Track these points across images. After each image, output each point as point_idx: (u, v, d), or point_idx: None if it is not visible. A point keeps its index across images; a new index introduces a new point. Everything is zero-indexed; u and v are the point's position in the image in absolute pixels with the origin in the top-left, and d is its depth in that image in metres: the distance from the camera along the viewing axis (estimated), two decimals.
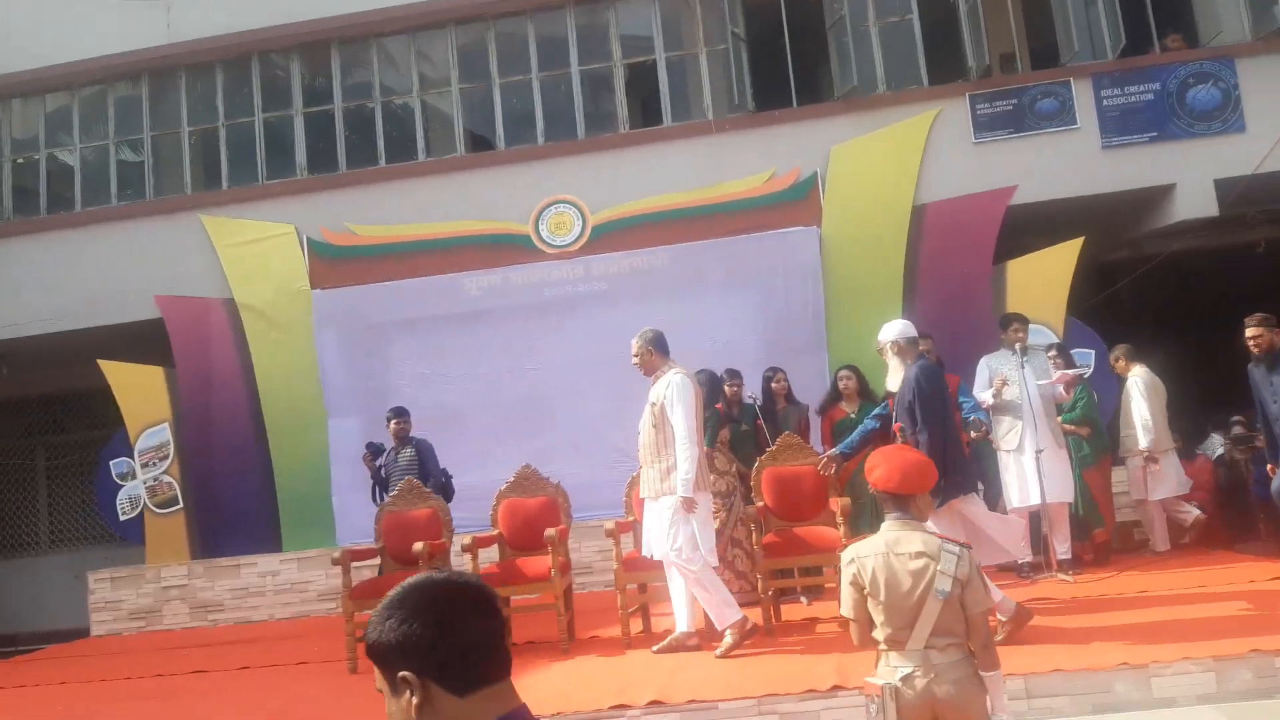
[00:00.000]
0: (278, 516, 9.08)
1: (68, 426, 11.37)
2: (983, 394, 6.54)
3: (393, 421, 7.49)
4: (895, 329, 5.34)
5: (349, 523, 8.86)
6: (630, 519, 6.20)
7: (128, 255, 9.53)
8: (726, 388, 7.03)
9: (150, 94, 9.87)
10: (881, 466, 3.56)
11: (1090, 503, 6.95)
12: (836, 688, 4.21)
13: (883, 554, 3.40)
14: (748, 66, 9.16)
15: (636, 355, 5.74)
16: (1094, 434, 7.09)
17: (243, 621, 8.66)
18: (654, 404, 5.67)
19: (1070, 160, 8.69)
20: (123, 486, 9.29)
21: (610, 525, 5.93)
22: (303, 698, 5.55)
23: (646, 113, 9.52)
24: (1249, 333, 6.02)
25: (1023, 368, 6.65)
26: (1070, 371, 6.76)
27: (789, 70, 9.06)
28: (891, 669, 3.34)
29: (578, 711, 4.37)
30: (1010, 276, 8.63)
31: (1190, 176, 8.59)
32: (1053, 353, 7.32)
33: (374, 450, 7.67)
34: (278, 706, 5.44)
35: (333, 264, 9.20)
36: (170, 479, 9.24)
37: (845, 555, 3.51)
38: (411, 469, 7.19)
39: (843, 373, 7.18)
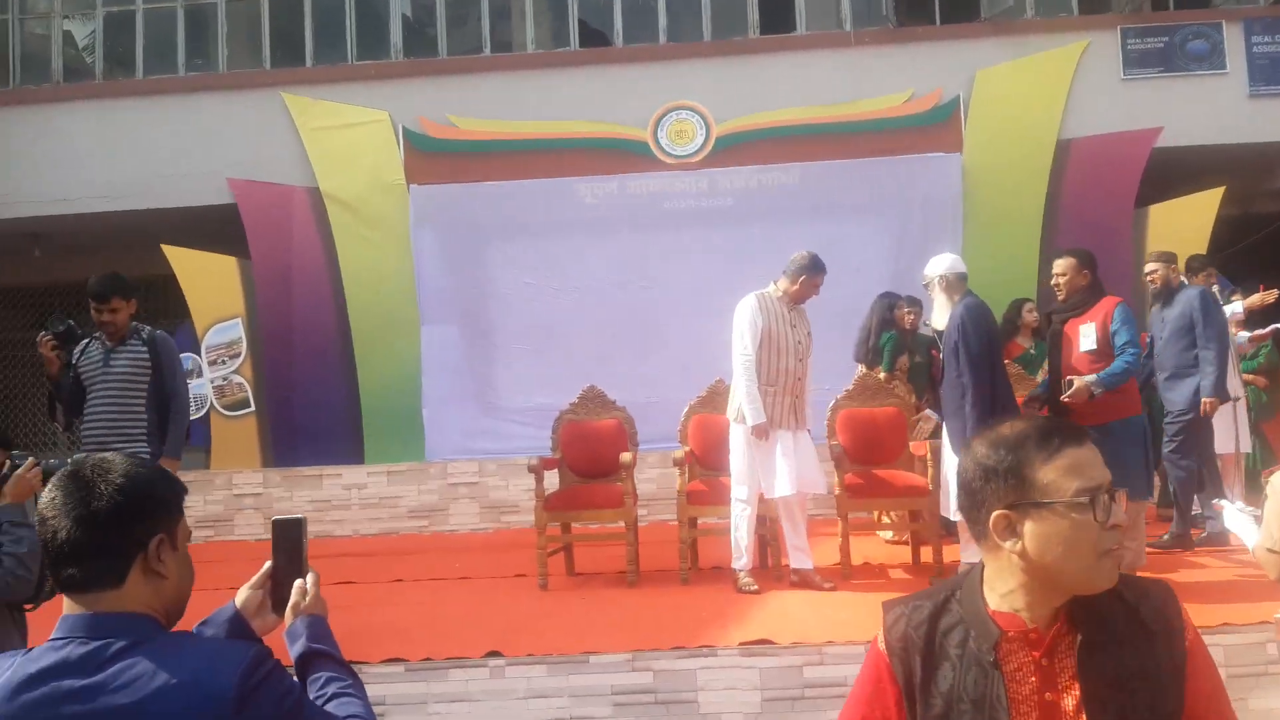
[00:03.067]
0: (360, 426, 8.45)
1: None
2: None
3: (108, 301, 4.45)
4: (945, 262, 5.01)
5: (441, 437, 8.31)
6: (686, 449, 5.74)
7: (196, 132, 8.65)
8: (902, 314, 6.60)
9: None
10: None
11: (1269, 454, 6.76)
12: None
13: None
14: None
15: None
16: (1272, 385, 6.88)
17: (324, 535, 8.04)
18: (809, 332, 5.30)
19: (1217, 106, 8.39)
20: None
21: (678, 454, 5.47)
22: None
23: (777, 18, 8.90)
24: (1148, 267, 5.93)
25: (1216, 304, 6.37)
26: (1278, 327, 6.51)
27: None
28: None
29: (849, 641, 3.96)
30: (1151, 221, 8.34)
31: None
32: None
33: (62, 335, 4.47)
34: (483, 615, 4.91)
35: (431, 158, 8.48)
36: (241, 379, 8.52)
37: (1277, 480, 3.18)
38: (137, 378, 4.40)
39: (1027, 305, 6.81)
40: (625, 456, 5.37)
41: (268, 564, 1.66)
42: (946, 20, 8.62)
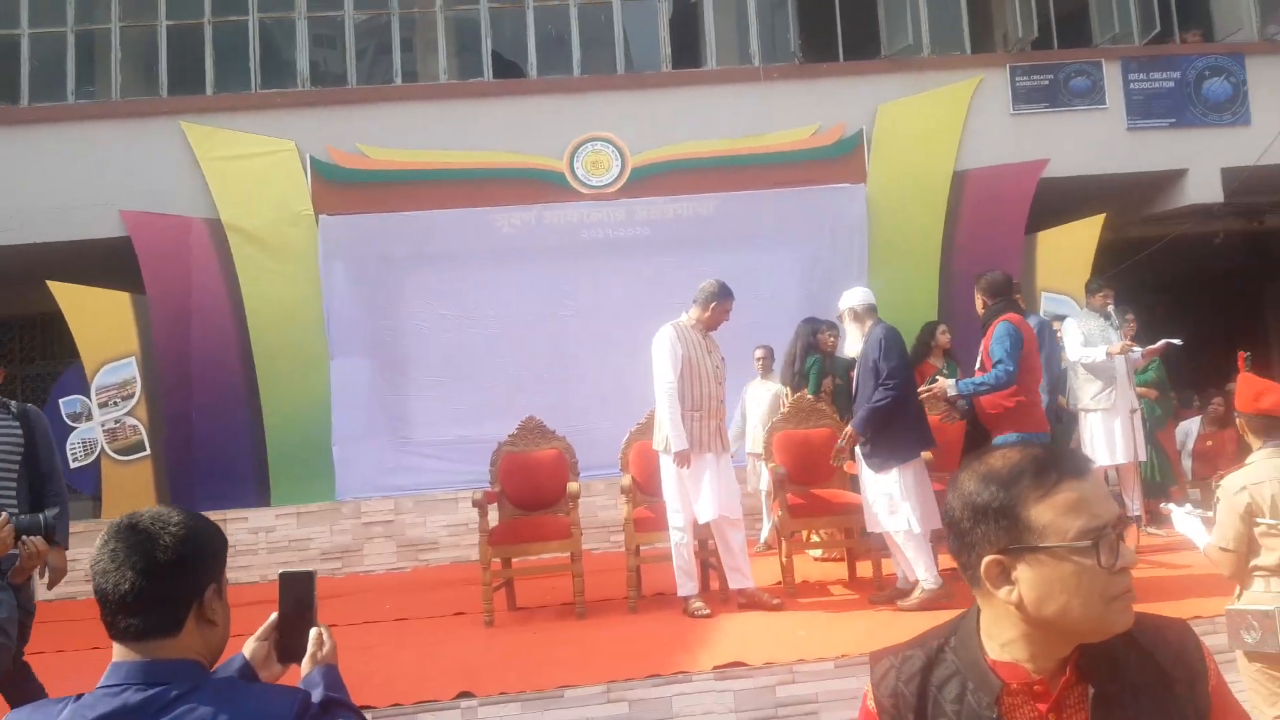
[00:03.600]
0: (266, 467, 8.09)
1: (7, 358, 9.77)
2: (1084, 351, 6.50)
3: None
4: (856, 296, 5.35)
5: (353, 475, 8.02)
6: (629, 477, 5.77)
7: (86, 162, 8.21)
8: (821, 337, 6.75)
9: None
10: (1271, 394, 3.48)
11: (1165, 462, 7.16)
12: None
13: (1277, 479, 3.29)
14: (795, 16, 8.89)
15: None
16: (1162, 397, 7.31)
17: (230, 583, 7.64)
18: (723, 358, 5.43)
19: (1098, 138, 8.94)
20: (75, 429, 8.01)
21: (624, 481, 5.48)
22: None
23: (688, 53, 9.07)
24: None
25: (1116, 329, 6.75)
26: (1171, 340, 6.90)
27: (836, 24, 8.87)
28: (1274, 593, 3.27)
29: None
30: (1040, 247, 8.81)
31: (1201, 163, 9.04)
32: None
33: None
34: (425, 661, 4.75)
35: (340, 188, 8.26)
36: (135, 421, 8.05)
37: (1232, 484, 3.37)
38: (8, 456, 3.62)
39: (940, 327, 7.06)
40: (572, 486, 5.30)
41: (273, 615, 1.71)
42: (849, 57, 8.95)
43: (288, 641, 1.70)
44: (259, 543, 7.84)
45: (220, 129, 8.26)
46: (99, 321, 8.05)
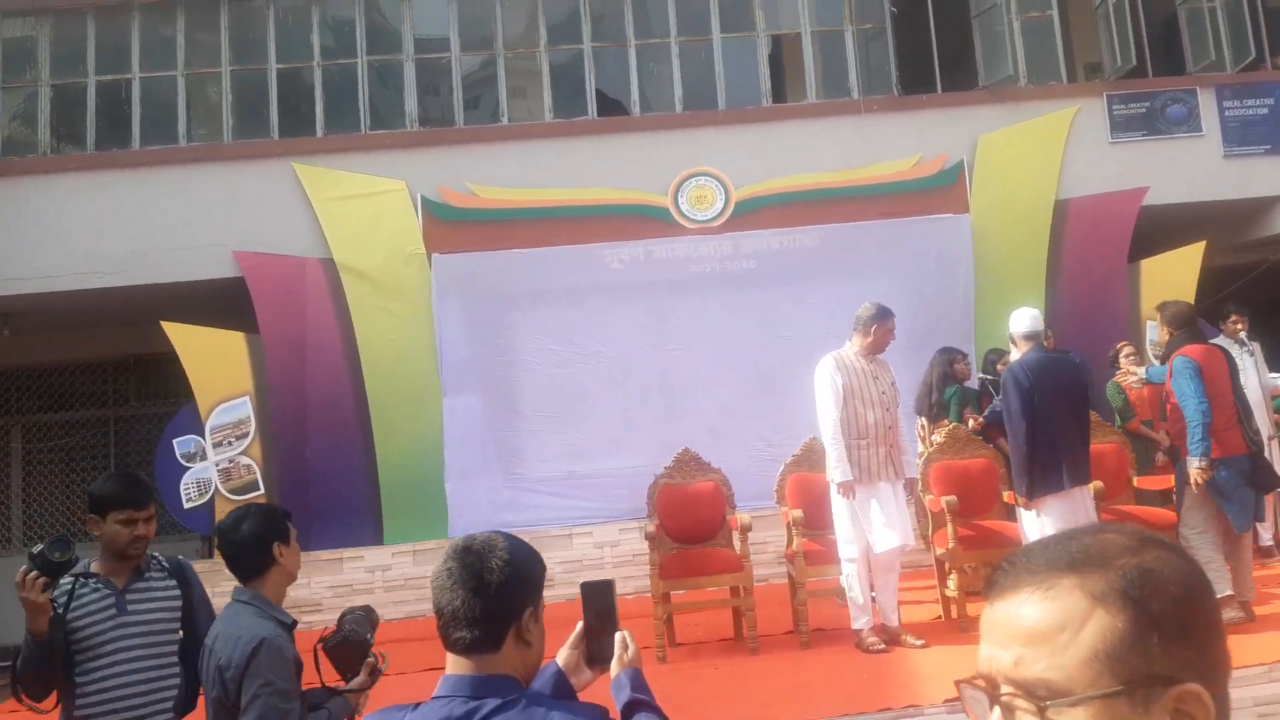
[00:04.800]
0: (379, 505, 8.09)
1: (124, 398, 9.87)
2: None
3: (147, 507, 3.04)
4: (1018, 320, 5.32)
5: (465, 512, 8.00)
6: (784, 509, 5.78)
7: (198, 204, 8.30)
8: (958, 367, 6.75)
9: (230, 23, 8.69)
10: None
11: None
12: None
13: None
14: (893, 49, 8.97)
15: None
16: None
17: None
18: (893, 382, 5.42)
19: (1195, 166, 8.95)
20: (189, 469, 8.05)
21: (797, 514, 5.47)
22: None
23: (789, 87, 9.16)
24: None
25: (1251, 355, 6.73)
26: None
27: (934, 56, 8.94)
28: None
29: None
30: (1144, 275, 8.80)
31: None
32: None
33: (59, 566, 2.80)
34: None
35: (450, 227, 8.33)
36: (249, 460, 8.08)
37: None
38: (168, 628, 3.01)
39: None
40: (742, 518, 5.29)
41: (580, 624, 1.83)
42: (947, 88, 9.01)
43: (594, 648, 1.82)
44: (375, 581, 7.83)
45: (331, 170, 8.36)
46: (213, 361, 8.11)
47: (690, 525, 5.41)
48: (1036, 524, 4.82)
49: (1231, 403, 5.26)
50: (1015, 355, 5.18)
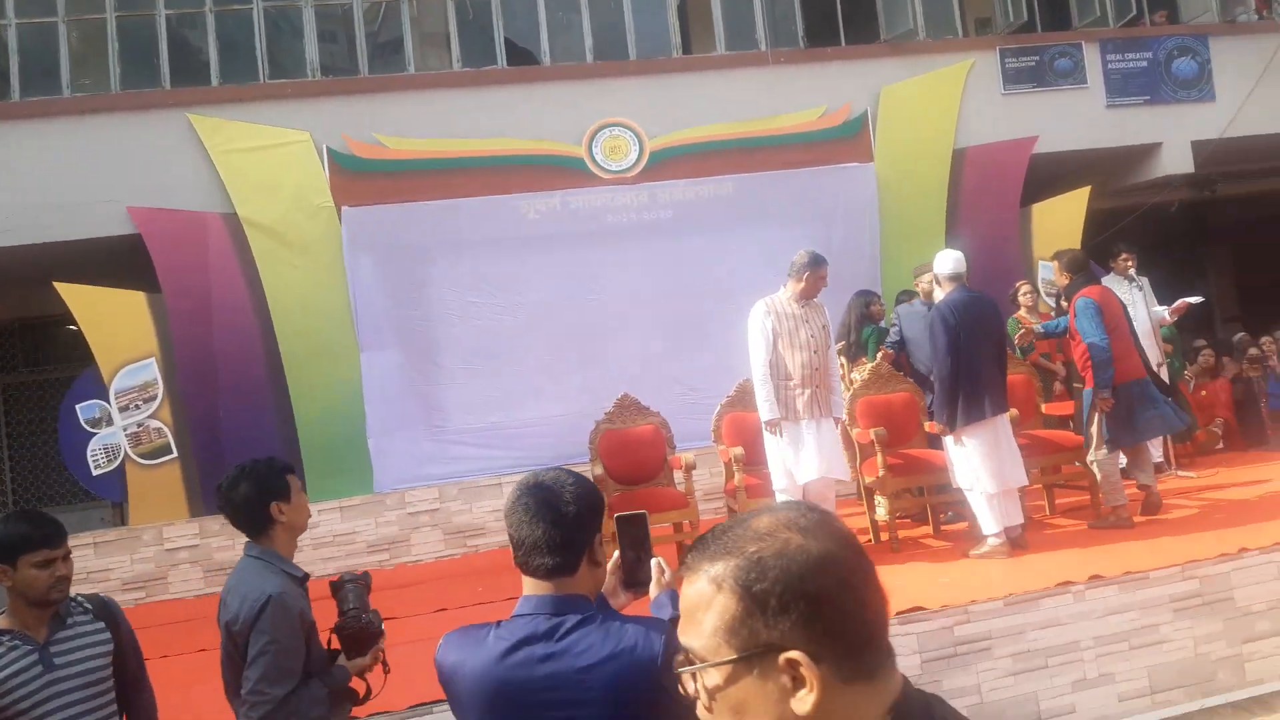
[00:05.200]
0: (299, 463, 7.88)
1: (12, 364, 9.30)
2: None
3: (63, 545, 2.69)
4: (942, 262, 5.51)
5: (390, 467, 7.95)
6: (721, 447, 6.00)
7: (87, 158, 7.86)
8: (874, 309, 7.01)
9: None
10: None
11: (1187, 409, 7.64)
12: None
13: None
14: (798, 2, 9.12)
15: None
16: (1175, 351, 7.83)
17: None
18: (824, 325, 5.61)
19: (1081, 115, 9.45)
20: (95, 434, 7.70)
21: (738, 451, 5.63)
22: None
23: (698, 39, 9.21)
24: (924, 278, 6.50)
25: (1140, 291, 7.20)
26: (1190, 299, 7.36)
27: (837, 9, 9.14)
28: None
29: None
30: (1035, 219, 9.27)
31: (1172, 137, 9.65)
32: (1025, 288, 8.04)
33: None
34: None
35: (359, 179, 8.13)
36: (159, 423, 7.79)
37: None
38: (101, 676, 2.63)
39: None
40: (687, 457, 5.41)
41: (616, 553, 2.02)
42: (851, 41, 9.23)
43: (630, 574, 2.02)
44: (302, 539, 7.64)
45: (229, 121, 8.04)
46: (113, 322, 7.75)
47: (632, 466, 5.51)
48: (961, 451, 5.10)
49: (1128, 332, 5.67)
50: (939, 295, 5.42)
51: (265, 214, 7.96)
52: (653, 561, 2.02)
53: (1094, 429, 5.49)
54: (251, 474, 2.66)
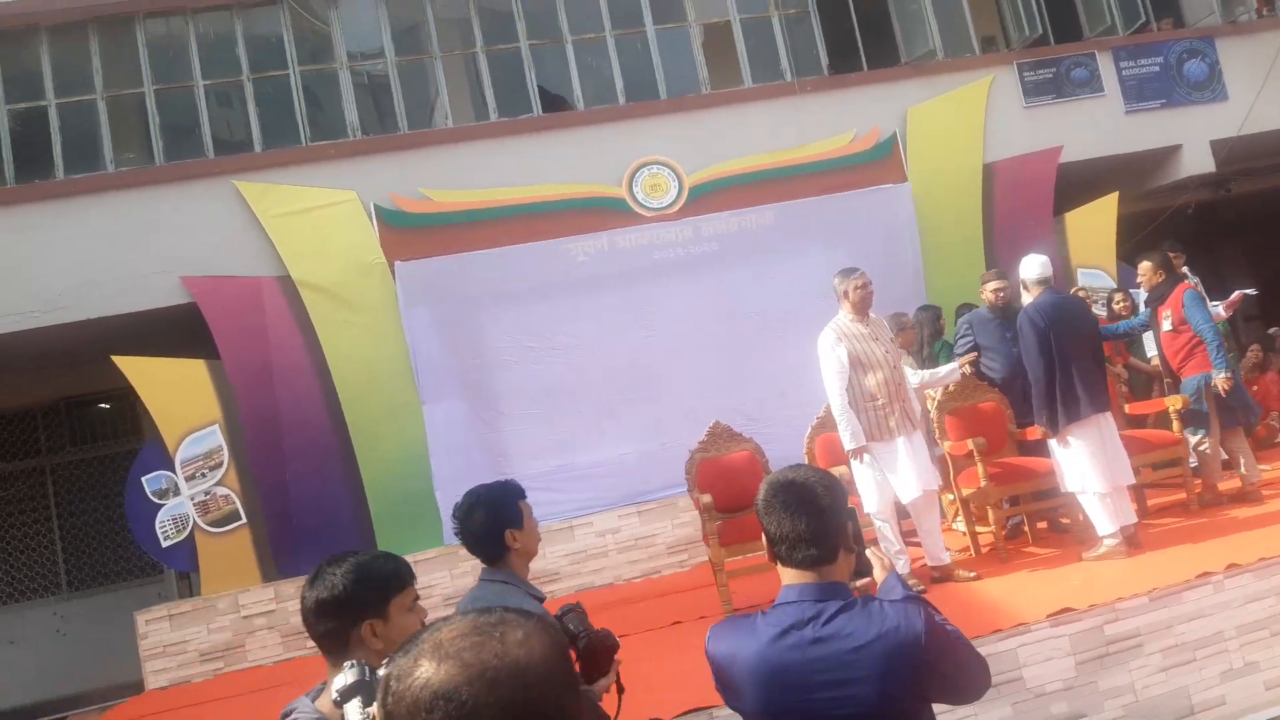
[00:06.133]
0: (368, 521, 7.89)
1: (60, 444, 9.28)
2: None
3: None
4: (1029, 267, 5.55)
5: None
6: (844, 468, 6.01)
7: (134, 231, 7.91)
8: (942, 323, 7.09)
9: (148, 41, 8.30)
10: None
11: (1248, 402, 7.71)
12: None
13: None
14: (819, 31, 9.30)
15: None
16: (1233, 345, 7.97)
17: None
18: (892, 338, 5.65)
19: (1101, 123, 9.65)
20: (162, 505, 7.66)
21: (843, 470, 5.50)
22: None
23: (723, 74, 9.37)
24: (989, 285, 6.36)
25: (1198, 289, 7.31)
26: (1246, 291, 7.46)
27: (857, 36, 9.33)
28: None
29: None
30: (1069, 227, 9.42)
31: (1192, 138, 9.85)
32: (1119, 296, 8.15)
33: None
34: None
35: (407, 234, 8.19)
36: (227, 490, 7.75)
37: None
38: None
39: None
40: None
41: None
42: (873, 66, 9.42)
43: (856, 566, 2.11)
44: None
45: (275, 185, 8.10)
46: (174, 392, 7.74)
47: (732, 494, 5.50)
48: (1067, 453, 5.15)
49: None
50: (1026, 299, 5.50)
51: (318, 274, 8.00)
52: (868, 552, 2.15)
53: (1207, 412, 5.65)
54: (485, 504, 2.65)
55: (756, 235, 8.66)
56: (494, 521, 2.61)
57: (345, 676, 1.60)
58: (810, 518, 1.92)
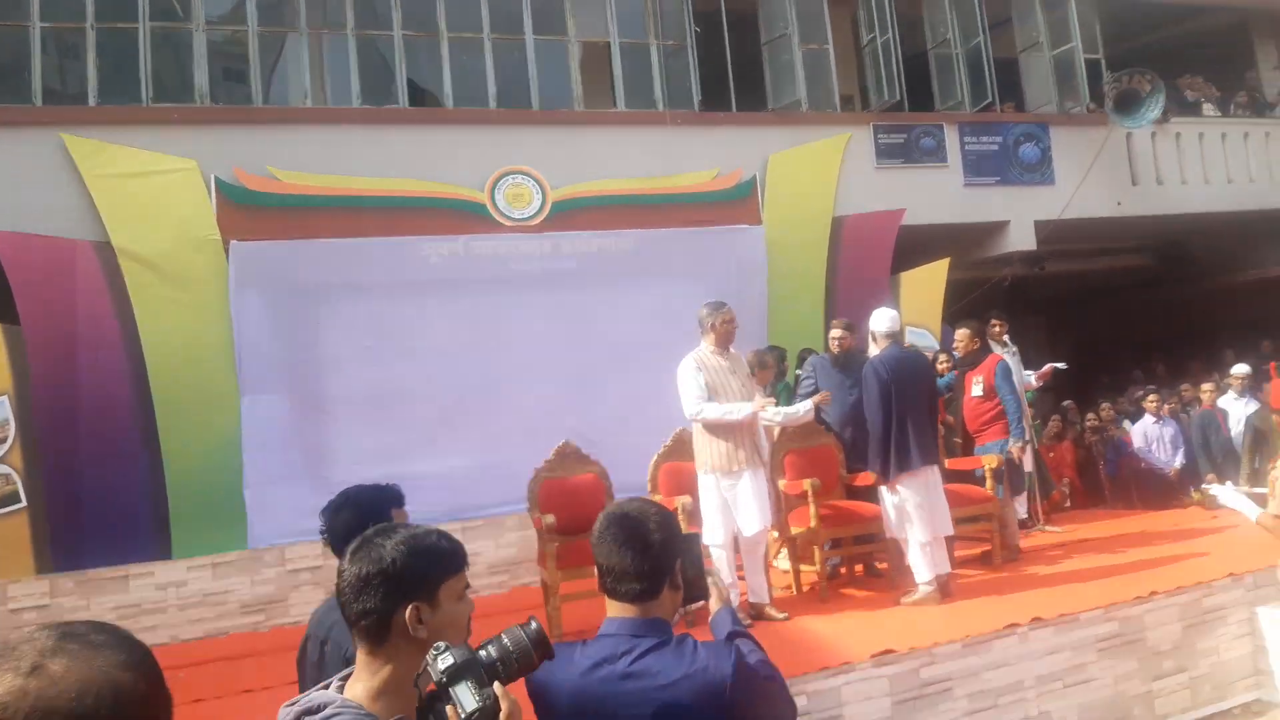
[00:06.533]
0: (165, 516, 7.31)
1: None
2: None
3: None
4: (879, 320, 5.80)
5: (269, 520, 7.43)
6: (658, 497, 6.08)
7: None
8: (786, 365, 7.25)
9: None
10: None
11: (1044, 470, 8.28)
12: None
13: None
14: (694, 67, 9.45)
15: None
16: (1037, 415, 8.50)
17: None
18: (749, 373, 5.80)
19: (942, 192, 10.23)
20: None
21: (686, 500, 5.53)
22: None
23: (597, 95, 9.35)
24: (834, 333, 6.65)
25: (1014, 357, 7.80)
26: (1057, 365, 8.01)
27: (729, 77, 9.53)
28: None
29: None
30: (903, 285, 9.89)
31: (1018, 216, 10.59)
32: (943, 357, 8.66)
33: None
34: None
35: (248, 212, 7.71)
36: (8, 469, 7.02)
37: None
38: None
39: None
40: None
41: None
42: (741, 108, 9.64)
43: (689, 590, 2.11)
44: (168, 599, 7.09)
45: (107, 144, 7.48)
46: None
47: (574, 516, 5.39)
48: (895, 500, 5.35)
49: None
50: (874, 350, 5.69)
51: (143, 244, 7.42)
52: (708, 579, 2.17)
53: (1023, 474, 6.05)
54: (356, 501, 2.49)
55: (615, 259, 8.65)
56: (360, 525, 2.41)
57: (448, 656, 1.53)
58: (636, 553, 1.95)
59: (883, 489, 5.44)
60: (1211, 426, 8.40)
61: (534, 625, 1.68)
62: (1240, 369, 8.89)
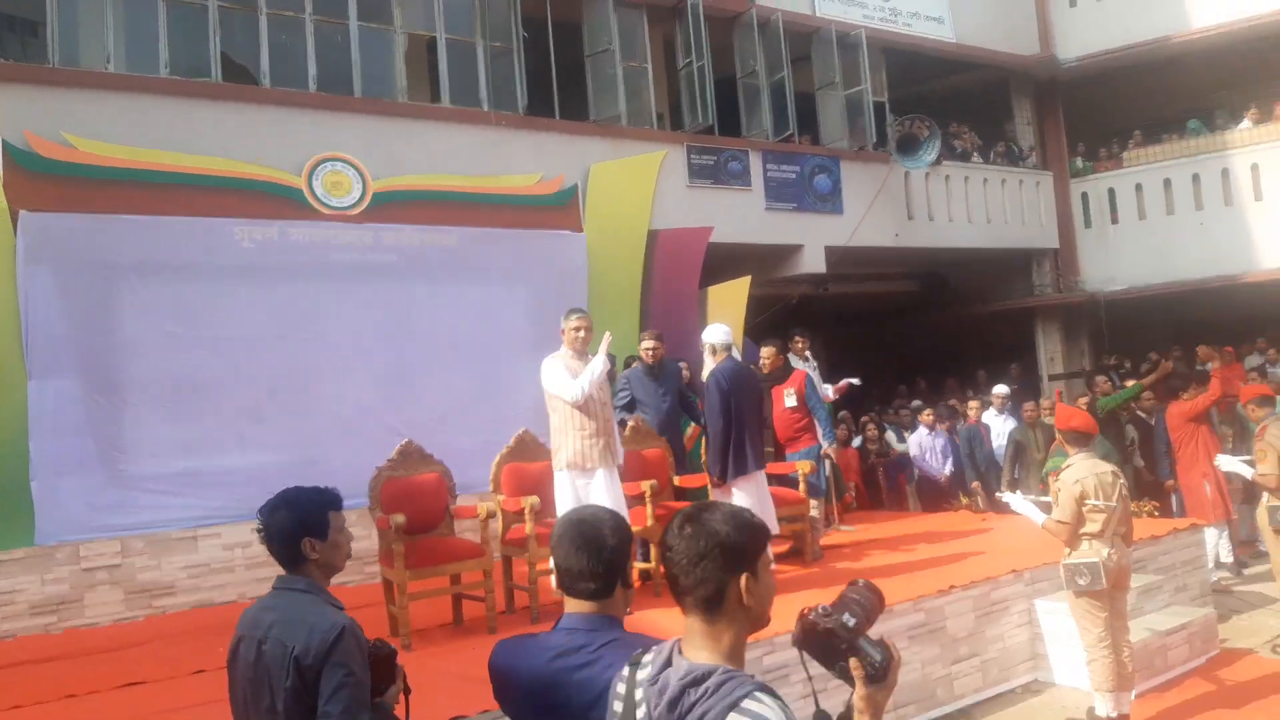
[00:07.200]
0: None
1: None
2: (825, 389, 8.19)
3: None
4: (713, 333, 6.23)
5: (59, 515, 6.80)
6: (500, 497, 6.21)
7: None
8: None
9: None
10: (1078, 416, 5.13)
11: (838, 474, 8.98)
12: None
13: (1094, 475, 4.91)
14: (520, 71, 9.52)
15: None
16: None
17: None
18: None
19: (746, 213, 10.87)
20: None
21: (534, 500, 5.53)
22: None
23: (421, 88, 9.21)
24: (646, 344, 7.02)
25: (815, 371, 8.44)
26: (852, 380, 8.71)
27: (554, 84, 9.68)
28: (1096, 550, 4.85)
29: None
30: (710, 299, 10.42)
31: (811, 241, 11.43)
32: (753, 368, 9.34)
33: None
34: None
35: (39, 180, 7.02)
36: None
37: (1069, 478, 4.90)
38: None
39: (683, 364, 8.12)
40: (487, 506, 5.39)
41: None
42: (565, 116, 9.82)
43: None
44: None
45: None
46: None
47: (416, 515, 5.33)
48: (729, 501, 5.70)
49: None
50: (710, 363, 6.03)
51: None
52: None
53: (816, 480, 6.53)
54: (293, 502, 2.46)
55: (437, 255, 8.56)
56: (294, 526, 2.42)
57: (845, 615, 1.74)
58: (591, 556, 2.11)
59: (718, 491, 5.79)
60: (977, 440, 9.48)
61: (861, 583, 1.81)
62: (1000, 389, 10.08)
